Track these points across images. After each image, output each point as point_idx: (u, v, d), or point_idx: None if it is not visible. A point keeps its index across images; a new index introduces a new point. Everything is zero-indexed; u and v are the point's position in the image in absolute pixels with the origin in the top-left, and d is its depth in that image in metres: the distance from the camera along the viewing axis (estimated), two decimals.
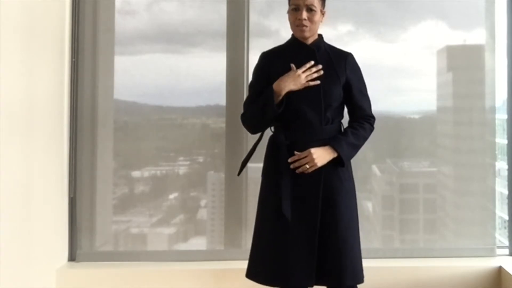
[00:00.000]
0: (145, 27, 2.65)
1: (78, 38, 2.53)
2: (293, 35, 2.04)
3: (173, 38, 2.65)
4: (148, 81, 2.59)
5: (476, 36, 2.62)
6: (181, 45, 2.65)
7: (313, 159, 1.90)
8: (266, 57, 2.05)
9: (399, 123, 2.65)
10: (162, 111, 2.67)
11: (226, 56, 2.57)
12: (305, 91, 1.94)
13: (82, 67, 2.54)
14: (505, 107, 2.60)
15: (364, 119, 2.05)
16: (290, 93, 1.93)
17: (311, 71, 1.95)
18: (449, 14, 2.60)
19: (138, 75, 2.59)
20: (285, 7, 2.02)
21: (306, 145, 1.93)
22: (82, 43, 2.54)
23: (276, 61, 2.01)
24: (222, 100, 2.55)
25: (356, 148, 2.01)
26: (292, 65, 1.94)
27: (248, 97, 2.04)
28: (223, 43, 2.57)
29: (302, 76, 1.93)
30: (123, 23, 2.62)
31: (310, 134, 1.95)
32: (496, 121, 2.59)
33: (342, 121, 2.05)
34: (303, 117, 1.95)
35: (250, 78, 2.06)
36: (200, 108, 2.63)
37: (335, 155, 1.94)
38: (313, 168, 1.92)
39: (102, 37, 2.58)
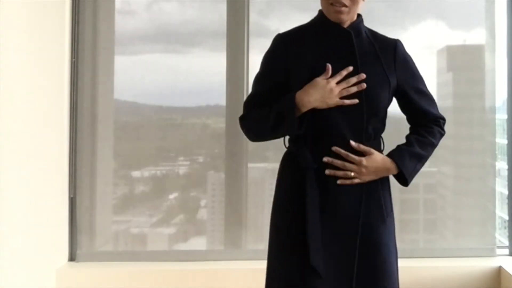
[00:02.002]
0: (145, 27, 2.65)
1: (78, 38, 2.53)
2: (321, 11, 1.55)
3: (173, 38, 2.65)
4: (148, 81, 2.59)
5: (476, 36, 2.62)
6: (181, 45, 2.65)
7: (361, 171, 1.46)
8: (284, 40, 1.53)
9: (399, 123, 2.64)
10: (162, 111, 2.67)
11: (226, 56, 2.57)
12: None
13: (82, 67, 2.53)
14: (505, 107, 2.60)
15: (431, 123, 1.60)
16: None
17: (349, 82, 1.45)
18: (449, 14, 2.59)
19: (138, 75, 2.59)
20: (285, 7, 2.01)
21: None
22: (82, 43, 2.54)
23: (299, 47, 1.50)
24: (222, 100, 2.55)
25: (422, 160, 1.55)
26: (328, 66, 1.44)
27: (251, 96, 1.58)
28: (223, 43, 2.57)
29: (336, 91, 1.44)
30: (123, 23, 2.62)
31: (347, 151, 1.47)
32: (496, 121, 2.59)
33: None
34: (334, 131, 1.46)
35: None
36: (200, 108, 2.64)
37: (394, 171, 1.51)
38: (356, 182, 1.47)
39: (102, 37, 2.58)
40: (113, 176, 2.64)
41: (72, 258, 2.52)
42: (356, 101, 1.45)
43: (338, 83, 1.45)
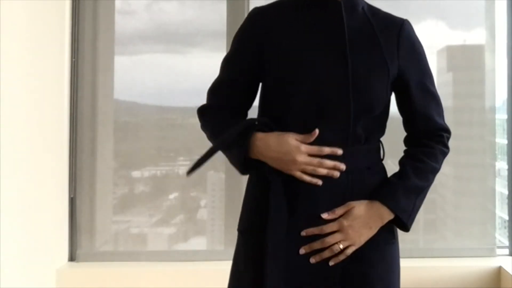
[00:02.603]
0: (145, 27, 2.65)
1: (78, 38, 2.53)
2: None
3: (173, 38, 2.65)
4: (148, 81, 2.59)
5: (476, 36, 2.61)
6: (181, 45, 2.65)
7: (348, 234, 1.14)
8: (258, 15, 1.25)
9: (399, 123, 2.65)
10: (162, 111, 2.67)
11: None
12: (321, 83, 1.14)
13: (82, 67, 2.53)
14: (505, 107, 2.60)
15: (432, 137, 1.26)
16: (290, 85, 1.17)
17: (321, 165, 1.15)
18: (449, 14, 2.59)
19: (138, 75, 2.59)
20: None
21: (315, 185, 1.15)
22: (82, 43, 2.54)
23: (276, 24, 1.21)
24: None
25: (422, 193, 1.23)
26: (315, 131, 1.14)
27: (217, 82, 1.31)
28: (223, 43, 2.57)
29: (300, 166, 1.14)
30: (123, 23, 2.62)
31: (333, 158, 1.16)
32: (496, 121, 2.59)
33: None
34: (310, 130, 1.15)
35: None
36: None
37: (389, 216, 1.18)
38: (351, 251, 1.15)
39: (102, 37, 2.58)
40: (113, 176, 2.64)
41: (72, 258, 2.51)
42: (320, 182, 1.14)
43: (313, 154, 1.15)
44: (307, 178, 1.15)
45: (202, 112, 1.31)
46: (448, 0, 2.59)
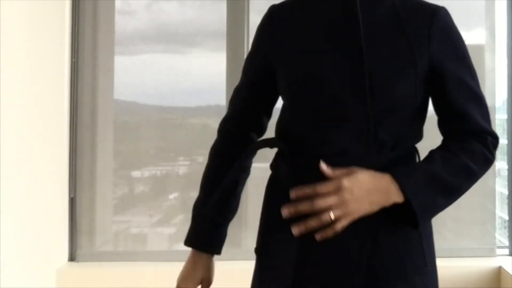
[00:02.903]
0: (145, 27, 2.65)
1: (78, 38, 2.53)
2: None
3: (173, 38, 2.65)
4: (148, 81, 2.59)
5: (476, 36, 2.61)
6: (181, 45, 2.65)
7: (345, 198, 0.94)
8: (274, 13, 1.15)
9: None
10: (162, 111, 2.67)
11: (226, 56, 2.57)
12: (334, 84, 1.02)
13: (82, 67, 2.53)
14: (505, 107, 2.60)
15: (472, 136, 1.07)
16: (302, 89, 1.06)
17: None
18: None
19: (138, 75, 2.60)
20: None
21: None
22: (82, 43, 2.54)
23: (290, 23, 1.11)
24: (222, 100, 2.55)
25: (447, 189, 1.01)
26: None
27: (238, 89, 1.23)
28: (223, 43, 2.57)
29: None
30: (123, 23, 2.62)
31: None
32: (496, 121, 2.59)
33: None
34: (322, 137, 1.03)
35: None
36: (200, 108, 2.63)
37: (397, 197, 0.97)
38: (342, 225, 0.96)
39: (102, 37, 2.58)
40: (113, 176, 2.64)
41: (72, 258, 2.51)
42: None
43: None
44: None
45: (219, 126, 1.30)
46: (448, 0, 2.59)
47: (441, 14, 1.11)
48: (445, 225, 2.67)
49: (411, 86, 1.03)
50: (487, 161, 1.08)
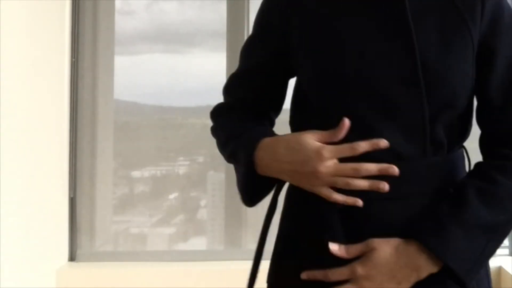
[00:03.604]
0: (145, 27, 2.65)
1: (78, 38, 2.53)
2: None
3: (173, 38, 2.65)
4: (148, 81, 2.59)
5: None
6: (181, 45, 2.65)
7: (362, 285, 0.79)
8: None
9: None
10: (162, 111, 2.67)
11: (226, 56, 2.57)
12: (380, 75, 0.84)
13: (82, 67, 2.53)
14: None
15: (498, 160, 0.91)
16: (335, 80, 0.87)
17: (362, 171, 0.81)
18: None
19: (138, 75, 2.59)
20: None
21: (380, 211, 0.83)
22: (82, 43, 2.54)
23: (313, 5, 0.91)
24: (222, 100, 2.55)
25: (494, 230, 0.83)
26: (345, 122, 0.82)
27: (237, 74, 1.05)
28: (223, 43, 2.57)
29: (324, 177, 0.81)
30: (123, 23, 2.62)
31: (396, 179, 0.82)
32: None
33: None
34: (369, 137, 0.83)
35: None
36: (200, 108, 2.63)
37: (435, 268, 0.80)
38: None
39: (102, 37, 2.58)
40: (113, 176, 2.64)
41: (72, 258, 2.51)
42: (359, 203, 0.82)
43: (342, 160, 0.82)
44: (338, 197, 0.81)
45: (213, 113, 1.11)
46: None
47: None
48: None
49: (468, 71, 0.87)
50: None
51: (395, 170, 0.81)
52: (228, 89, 1.08)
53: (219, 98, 1.20)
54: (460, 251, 0.79)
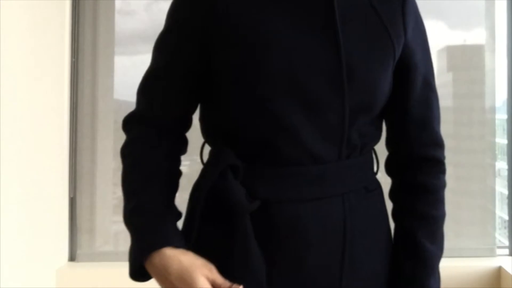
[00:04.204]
0: (145, 27, 2.64)
1: (78, 38, 2.53)
2: None
3: None
4: None
5: (476, 36, 2.61)
6: None
7: None
8: None
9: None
10: None
11: None
12: (304, 73, 0.84)
13: (82, 67, 2.53)
14: (505, 107, 2.60)
15: (430, 161, 1.00)
16: (258, 77, 0.85)
17: None
18: (449, 14, 2.59)
19: (138, 75, 2.58)
20: None
21: (296, 211, 0.85)
22: (82, 43, 2.54)
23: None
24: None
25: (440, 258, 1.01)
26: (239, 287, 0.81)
27: (148, 76, 1.06)
28: None
29: None
30: (123, 23, 2.62)
31: (309, 181, 0.86)
32: (496, 121, 2.59)
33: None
34: (290, 139, 0.85)
35: None
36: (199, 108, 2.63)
37: None
38: None
39: (102, 37, 2.58)
40: (113, 176, 2.63)
41: (72, 258, 2.51)
42: None
43: None
44: None
45: (125, 126, 1.04)
46: (448, 0, 2.59)
47: (409, 0, 0.96)
48: (445, 225, 2.66)
49: (387, 79, 0.89)
50: (445, 187, 1.06)
51: None
52: (143, 92, 1.03)
53: None
54: None
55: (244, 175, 0.87)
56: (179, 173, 1.08)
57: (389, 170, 1.00)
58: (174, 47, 0.93)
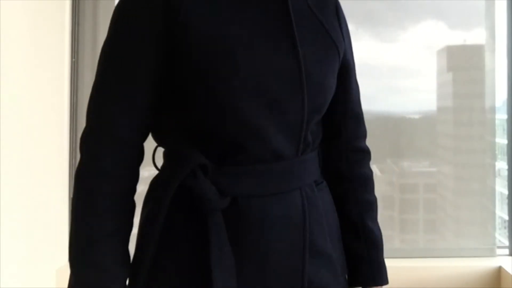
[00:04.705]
0: None
1: (78, 38, 2.53)
2: None
3: None
4: None
5: (476, 36, 2.61)
6: None
7: None
8: None
9: (399, 123, 2.65)
10: None
11: None
12: (266, 76, 0.87)
13: (82, 67, 2.53)
14: (505, 107, 2.60)
15: (361, 152, 1.09)
16: (222, 81, 0.86)
17: None
18: (449, 14, 2.59)
19: None
20: None
21: (264, 205, 0.90)
22: (82, 43, 2.54)
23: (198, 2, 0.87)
24: None
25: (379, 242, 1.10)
26: None
27: (99, 94, 1.06)
28: None
29: None
30: None
31: (273, 176, 0.91)
32: (496, 121, 2.59)
33: None
34: (260, 140, 0.89)
35: None
36: None
37: None
38: None
39: (102, 37, 2.57)
40: None
41: None
42: None
43: None
44: None
45: (82, 146, 1.02)
46: (448, 0, 2.59)
47: (339, 4, 1.06)
48: (445, 225, 2.67)
49: (335, 79, 0.99)
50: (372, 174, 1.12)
51: None
52: (93, 110, 1.02)
53: None
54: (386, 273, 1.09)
55: (212, 174, 0.90)
56: (134, 207, 1.10)
57: (325, 165, 1.08)
58: (123, 53, 0.91)
